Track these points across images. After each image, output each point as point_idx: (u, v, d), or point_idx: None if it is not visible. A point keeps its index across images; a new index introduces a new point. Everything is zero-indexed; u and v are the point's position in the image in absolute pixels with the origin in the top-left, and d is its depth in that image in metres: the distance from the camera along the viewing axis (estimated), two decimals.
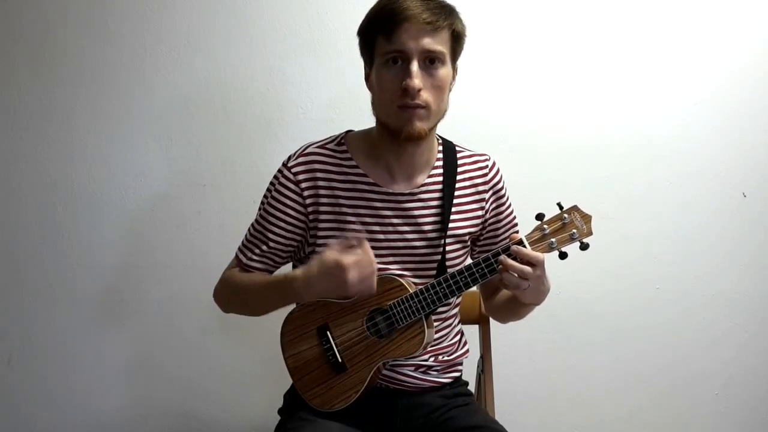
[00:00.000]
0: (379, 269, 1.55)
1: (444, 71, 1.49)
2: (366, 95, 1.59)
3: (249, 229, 1.65)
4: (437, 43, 1.46)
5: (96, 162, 2.20)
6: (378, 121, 1.56)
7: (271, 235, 1.60)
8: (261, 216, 1.62)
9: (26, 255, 2.23)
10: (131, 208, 2.22)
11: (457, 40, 1.51)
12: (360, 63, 1.58)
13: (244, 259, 1.63)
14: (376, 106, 1.54)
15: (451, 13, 1.49)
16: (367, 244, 1.46)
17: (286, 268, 1.71)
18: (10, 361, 2.26)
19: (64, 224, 2.22)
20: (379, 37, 1.48)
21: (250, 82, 2.19)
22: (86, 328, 2.26)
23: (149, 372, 2.28)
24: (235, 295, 1.65)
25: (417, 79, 1.45)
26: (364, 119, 1.61)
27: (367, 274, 1.44)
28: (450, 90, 1.54)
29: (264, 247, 1.61)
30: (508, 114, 2.20)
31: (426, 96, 1.47)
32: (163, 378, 2.28)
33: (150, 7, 2.16)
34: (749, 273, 2.28)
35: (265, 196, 1.63)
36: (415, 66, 1.45)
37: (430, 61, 1.47)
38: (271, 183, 1.62)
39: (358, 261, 1.43)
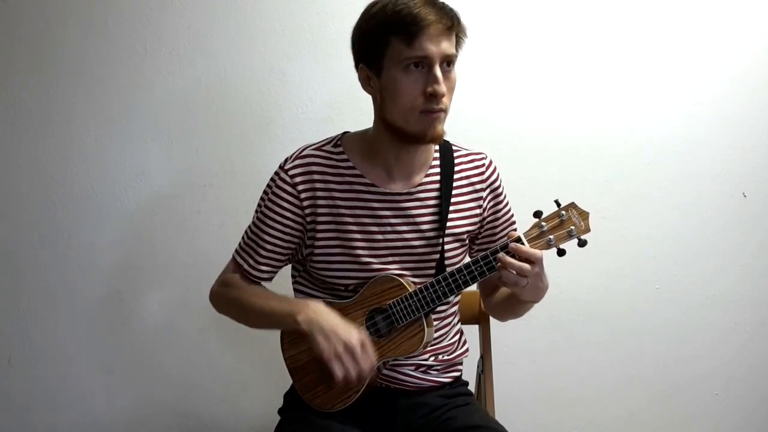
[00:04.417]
0: (378, 269, 1.56)
1: (455, 73, 1.50)
2: (366, 95, 1.58)
3: (246, 232, 1.65)
4: (452, 47, 1.48)
5: (96, 162, 2.20)
6: (387, 124, 1.52)
7: (268, 238, 1.59)
8: (258, 219, 1.61)
9: (26, 255, 2.23)
10: (131, 208, 2.22)
11: (459, 43, 1.52)
12: None
13: (245, 265, 1.62)
14: (391, 110, 1.50)
15: (458, 17, 1.50)
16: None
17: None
18: (10, 361, 2.26)
19: (64, 224, 2.22)
20: (396, 42, 1.45)
21: (250, 82, 2.19)
22: (86, 328, 2.26)
23: (149, 372, 2.28)
24: (236, 310, 1.66)
25: (443, 85, 1.45)
26: (364, 119, 1.61)
27: (357, 366, 1.46)
28: None
29: (263, 251, 1.60)
30: (509, 114, 2.20)
31: (446, 100, 1.48)
32: (163, 378, 2.28)
33: (150, 7, 2.16)
34: (749, 273, 2.28)
35: (262, 199, 1.62)
36: (438, 71, 1.45)
37: (447, 64, 1.48)
38: (268, 186, 1.61)
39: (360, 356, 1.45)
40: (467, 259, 1.57)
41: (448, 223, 1.59)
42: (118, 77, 2.18)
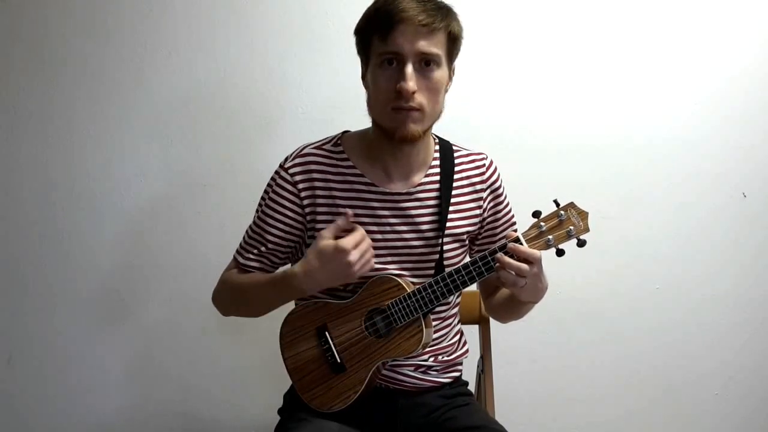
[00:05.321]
0: (377, 269, 1.56)
1: (439, 73, 1.48)
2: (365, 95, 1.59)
3: (247, 231, 1.65)
4: (433, 46, 1.45)
5: (96, 162, 2.21)
6: (373, 121, 1.56)
7: (269, 237, 1.59)
8: (259, 218, 1.62)
9: (26, 255, 2.23)
10: (131, 208, 2.22)
11: (453, 42, 1.50)
12: (359, 63, 1.58)
13: (241, 260, 1.63)
14: (371, 106, 1.53)
15: (447, 14, 1.48)
16: (358, 227, 1.48)
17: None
18: (10, 360, 2.26)
19: (64, 224, 2.22)
20: (375, 38, 1.47)
21: (250, 82, 2.19)
22: (86, 328, 2.26)
23: (149, 372, 2.28)
24: (234, 295, 1.65)
25: (411, 82, 1.44)
26: (364, 119, 1.61)
27: (365, 250, 1.45)
28: (446, 91, 1.53)
29: (262, 249, 1.61)
30: (508, 114, 2.20)
31: (420, 98, 1.46)
32: (163, 378, 2.28)
33: (150, 7, 2.17)
34: (749, 273, 2.28)
35: (262, 198, 1.62)
36: (409, 68, 1.44)
37: (426, 63, 1.46)
38: (269, 185, 1.61)
39: (355, 240, 1.44)
40: (467, 260, 1.57)
41: (448, 224, 1.59)
42: (118, 77, 2.18)
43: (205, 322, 2.23)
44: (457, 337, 1.73)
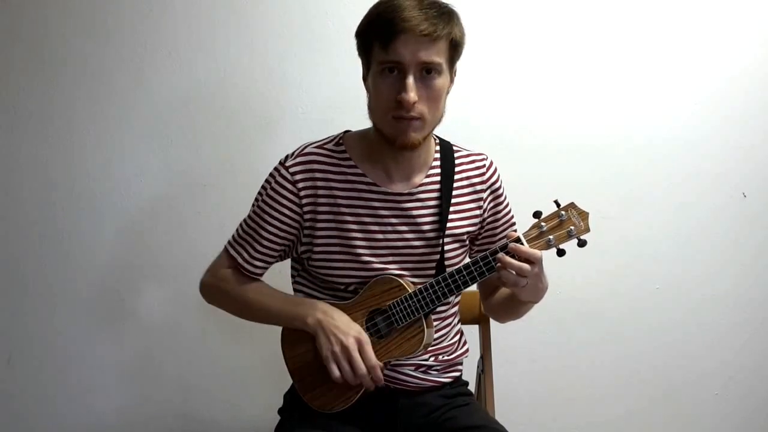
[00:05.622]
0: (378, 269, 1.56)
1: (440, 81, 1.47)
2: (366, 96, 1.58)
3: (241, 226, 1.64)
4: (434, 54, 1.44)
5: (96, 162, 2.20)
6: (374, 124, 1.55)
7: (265, 233, 1.59)
8: (255, 213, 1.61)
9: (26, 255, 2.23)
10: (131, 208, 2.22)
11: (455, 48, 1.49)
12: (360, 63, 1.58)
13: (239, 259, 1.62)
14: (372, 110, 1.53)
15: (449, 20, 1.46)
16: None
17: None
18: (10, 360, 2.26)
19: (64, 224, 2.22)
20: (376, 44, 1.46)
21: (250, 82, 2.19)
22: (86, 328, 2.26)
23: (149, 372, 2.28)
24: (234, 304, 1.66)
25: (412, 93, 1.43)
26: (364, 119, 1.60)
27: (353, 366, 1.49)
28: (447, 94, 1.52)
29: (258, 246, 1.60)
30: (508, 114, 2.20)
31: (421, 108, 1.45)
32: (163, 378, 2.28)
33: (150, 7, 2.17)
34: (749, 273, 2.28)
35: (259, 194, 1.62)
36: (410, 79, 1.43)
37: (427, 71, 1.45)
38: (267, 181, 1.61)
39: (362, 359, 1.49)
40: (467, 260, 1.57)
41: (448, 224, 1.59)
42: (118, 77, 2.18)
43: (205, 322, 2.23)
44: (457, 336, 1.73)
